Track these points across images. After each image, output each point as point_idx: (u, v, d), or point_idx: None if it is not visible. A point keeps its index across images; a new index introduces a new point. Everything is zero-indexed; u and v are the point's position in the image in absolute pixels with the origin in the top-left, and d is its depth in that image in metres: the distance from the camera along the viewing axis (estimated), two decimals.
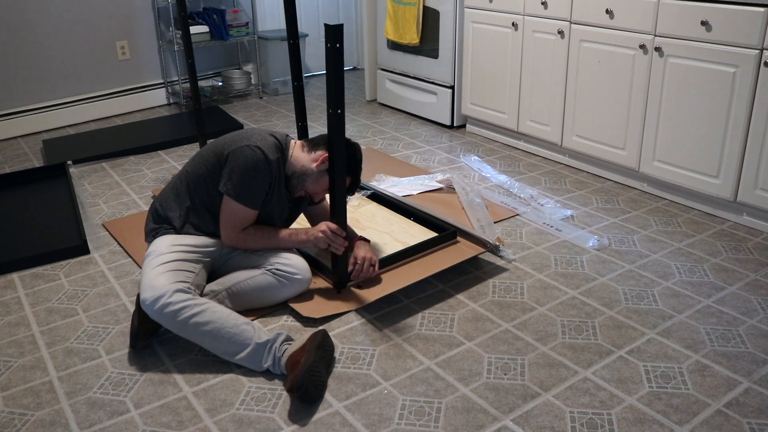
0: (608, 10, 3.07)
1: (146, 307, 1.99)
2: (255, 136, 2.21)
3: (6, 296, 2.46)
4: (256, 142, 2.17)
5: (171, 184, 2.33)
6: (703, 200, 2.98)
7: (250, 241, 2.25)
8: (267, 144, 2.18)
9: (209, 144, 2.30)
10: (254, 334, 1.99)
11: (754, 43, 2.60)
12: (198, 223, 2.25)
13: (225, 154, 2.18)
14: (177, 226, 2.24)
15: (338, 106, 2.08)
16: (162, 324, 2.00)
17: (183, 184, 2.27)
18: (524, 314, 2.26)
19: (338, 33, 2.02)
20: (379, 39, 4.60)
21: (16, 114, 4.27)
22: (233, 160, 2.15)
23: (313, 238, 2.24)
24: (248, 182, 2.14)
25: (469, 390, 1.91)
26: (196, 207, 2.24)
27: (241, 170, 2.14)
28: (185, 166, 2.33)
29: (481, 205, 2.99)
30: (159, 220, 2.28)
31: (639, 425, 1.76)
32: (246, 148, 2.15)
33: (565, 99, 3.39)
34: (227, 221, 2.21)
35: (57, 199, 3.24)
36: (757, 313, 2.24)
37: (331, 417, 1.82)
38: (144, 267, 2.12)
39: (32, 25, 4.18)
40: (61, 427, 1.81)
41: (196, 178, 2.24)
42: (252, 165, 2.14)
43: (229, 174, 2.15)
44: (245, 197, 2.16)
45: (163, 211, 2.27)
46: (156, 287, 1.99)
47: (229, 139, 2.24)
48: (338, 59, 2.03)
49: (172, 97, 4.89)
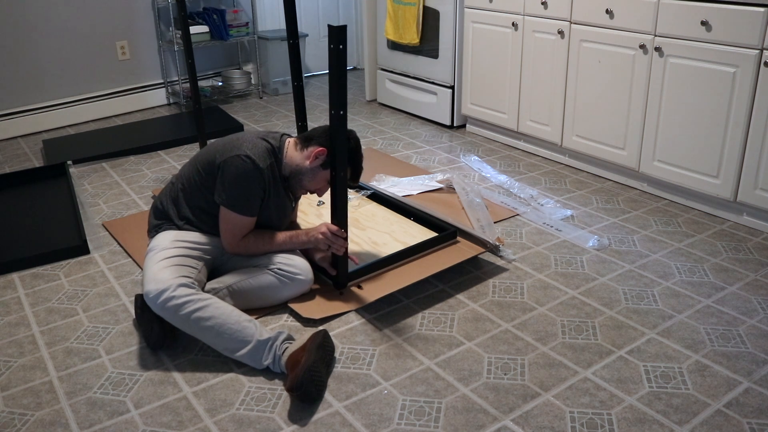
0: (608, 10, 3.07)
1: (149, 300, 1.99)
2: (246, 143, 2.19)
3: (6, 296, 2.46)
4: (246, 150, 2.15)
5: (168, 188, 2.33)
6: (703, 200, 2.98)
7: (251, 248, 2.26)
8: (258, 151, 2.16)
9: (204, 150, 2.30)
10: (256, 332, 1.99)
11: (754, 43, 2.60)
12: (198, 223, 2.25)
13: (217, 164, 2.17)
14: (178, 225, 2.24)
15: (341, 106, 2.08)
16: (164, 317, 2.00)
17: (179, 190, 2.27)
18: (524, 314, 2.26)
19: (342, 34, 2.02)
20: (379, 39, 4.60)
21: (16, 114, 4.27)
22: (224, 172, 2.14)
23: (313, 239, 2.25)
24: (241, 192, 2.15)
25: (469, 390, 1.91)
26: (194, 212, 2.25)
27: (232, 181, 2.14)
28: (182, 169, 2.33)
29: (481, 205, 2.99)
30: (160, 216, 2.29)
31: (639, 425, 1.76)
32: (236, 158, 2.14)
33: (565, 99, 3.39)
34: (227, 230, 2.21)
35: (57, 199, 3.24)
36: (757, 313, 2.24)
37: (331, 417, 1.82)
38: (147, 261, 2.12)
39: (32, 25, 4.18)
40: (61, 427, 1.81)
41: (191, 185, 2.25)
42: (242, 176, 2.13)
43: (222, 186, 2.15)
44: (240, 207, 2.17)
45: (164, 209, 2.28)
46: (160, 280, 2.00)
47: (220, 146, 2.22)
48: (341, 60, 2.03)
49: (172, 97, 4.89)
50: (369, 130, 4.19)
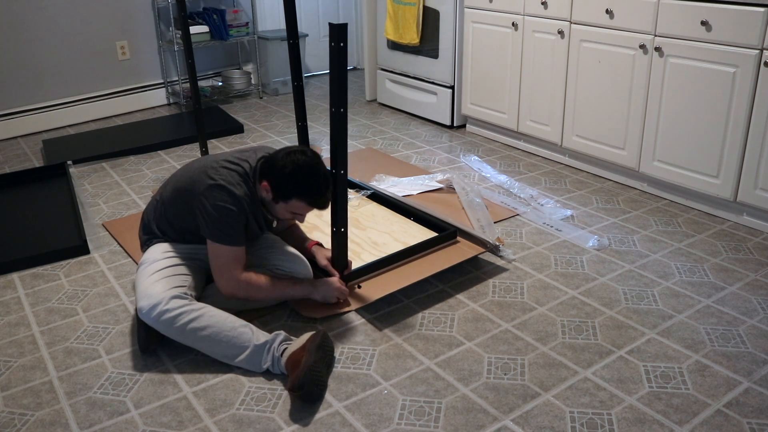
0: (608, 10, 3.07)
1: (143, 315, 1.98)
2: (220, 170, 2.07)
3: (6, 296, 2.46)
4: (220, 180, 2.04)
5: (152, 206, 2.26)
6: (703, 200, 2.98)
7: (253, 291, 2.13)
8: (231, 180, 2.06)
9: (180, 174, 2.20)
10: (252, 336, 1.99)
11: (754, 43, 2.60)
12: (189, 238, 2.21)
13: (196, 194, 2.07)
14: (168, 240, 2.22)
15: (341, 104, 2.08)
16: (159, 331, 2.00)
17: (162, 214, 2.21)
18: (524, 314, 2.26)
19: (342, 32, 2.02)
20: (379, 39, 4.60)
21: (16, 114, 4.27)
22: (203, 206, 2.05)
23: (325, 296, 2.24)
24: (223, 224, 2.04)
25: (469, 390, 1.91)
26: (182, 234, 2.19)
27: (212, 215, 2.03)
28: (163, 190, 2.24)
29: (481, 205, 2.99)
30: (149, 232, 2.25)
31: (639, 425, 1.76)
32: (212, 189, 2.04)
33: (565, 99, 3.39)
34: (219, 266, 2.08)
35: (57, 199, 3.24)
36: (757, 313, 2.24)
37: (331, 417, 1.82)
38: (138, 275, 2.10)
39: (32, 25, 4.18)
40: (61, 427, 1.81)
41: (173, 212, 2.17)
42: (221, 208, 2.03)
43: (204, 220, 2.06)
44: (225, 239, 2.05)
45: (151, 226, 2.24)
46: (152, 295, 1.99)
47: (195, 174, 2.11)
48: (342, 58, 2.03)
49: (172, 97, 4.89)
50: (369, 130, 4.19)
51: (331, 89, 2.07)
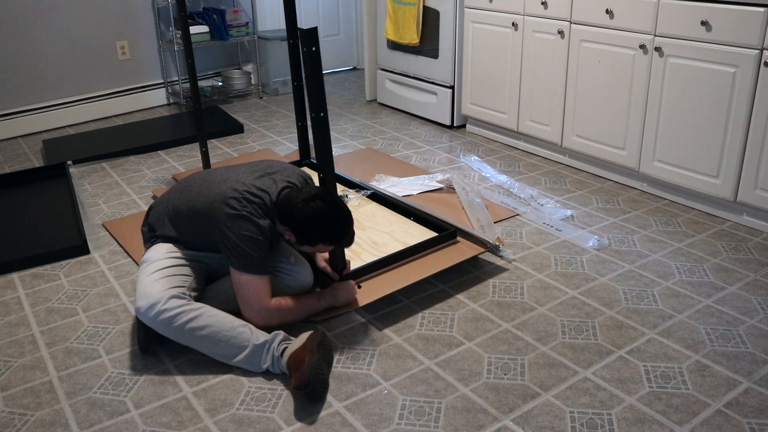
0: (608, 10, 3.07)
1: (141, 315, 1.98)
2: (243, 202, 2.03)
3: (6, 296, 2.46)
4: (243, 211, 2.02)
5: (158, 210, 2.23)
6: (703, 200, 2.98)
7: (286, 315, 2.11)
8: (254, 212, 2.04)
9: (196, 188, 2.16)
10: (251, 336, 1.98)
11: (754, 43, 2.60)
12: (200, 248, 2.20)
13: (217, 222, 2.05)
14: (172, 241, 2.20)
15: (320, 109, 2.08)
16: (158, 331, 2.00)
17: (169, 220, 2.18)
18: (524, 314, 2.26)
19: (312, 36, 2.02)
20: (379, 39, 4.60)
21: (16, 114, 4.27)
22: (225, 236, 2.03)
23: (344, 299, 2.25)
24: (249, 254, 2.02)
25: (469, 390, 1.91)
26: (194, 244, 2.19)
27: (237, 246, 2.01)
28: (171, 197, 2.22)
29: (481, 205, 2.99)
30: (154, 231, 2.24)
31: (639, 425, 1.76)
32: (236, 219, 2.01)
33: (565, 99, 3.39)
34: (248, 297, 2.06)
35: (57, 199, 3.24)
36: (757, 313, 2.24)
37: (331, 417, 1.82)
38: (139, 274, 2.10)
39: (32, 25, 4.19)
40: (61, 427, 1.81)
41: (191, 230, 2.15)
42: (247, 238, 2.01)
43: (229, 251, 2.04)
44: (253, 268, 2.04)
45: (156, 228, 2.22)
46: (150, 294, 1.98)
47: (214, 199, 2.07)
48: (316, 63, 2.03)
49: (172, 97, 4.89)
50: (369, 130, 4.19)
51: (309, 94, 2.07)
